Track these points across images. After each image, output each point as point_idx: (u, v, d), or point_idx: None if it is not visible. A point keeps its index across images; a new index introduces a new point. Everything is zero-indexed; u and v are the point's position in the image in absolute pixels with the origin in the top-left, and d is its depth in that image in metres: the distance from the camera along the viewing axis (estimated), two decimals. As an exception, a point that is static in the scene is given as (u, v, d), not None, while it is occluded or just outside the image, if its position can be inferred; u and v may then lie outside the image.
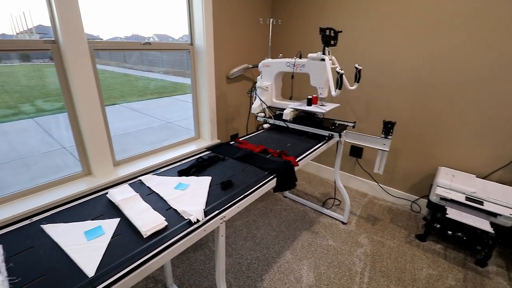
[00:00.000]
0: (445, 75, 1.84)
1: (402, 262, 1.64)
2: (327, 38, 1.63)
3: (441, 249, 1.76)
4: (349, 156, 2.46)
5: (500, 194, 1.60)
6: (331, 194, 2.36)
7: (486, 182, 1.76)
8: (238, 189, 1.05)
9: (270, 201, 2.25)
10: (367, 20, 2.06)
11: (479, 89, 1.75)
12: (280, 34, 2.59)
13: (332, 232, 1.89)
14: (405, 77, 2.00)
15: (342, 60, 2.07)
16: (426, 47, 1.86)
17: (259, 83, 1.93)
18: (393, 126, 1.65)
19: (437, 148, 2.00)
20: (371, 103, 2.22)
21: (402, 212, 2.15)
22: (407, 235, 1.89)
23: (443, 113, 1.91)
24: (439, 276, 1.55)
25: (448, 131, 1.92)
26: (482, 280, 1.54)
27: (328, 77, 1.60)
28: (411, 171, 2.16)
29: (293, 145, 1.55)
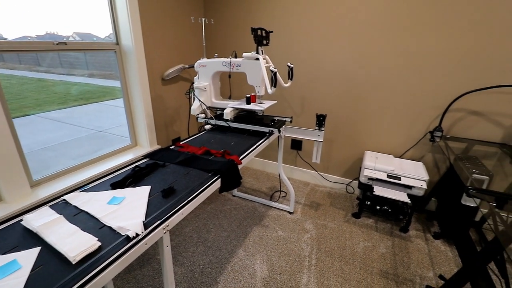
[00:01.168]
0: (367, 71, 2.09)
1: (342, 240, 1.82)
2: (259, 38, 1.68)
3: (373, 223, 2.01)
4: (291, 149, 2.60)
5: (412, 169, 1.91)
6: (277, 187, 2.46)
7: (401, 160, 2.07)
8: (181, 194, 1.01)
9: (219, 202, 2.24)
10: (297, 20, 2.20)
11: (393, 82, 2.03)
12: (215, 34, 2.58)
13: (280, 223, 1.98)
14: (333, 73, 2.20)
15: (276, 59, 2.17)
16: (351, 45, 2.09)
17: (197, 83, 1.89)
18: (324, 119, 1.80)
19: (363, 135, 2.27)
20: (305, 99, 2.39)
21: (339, 195, 2.38)
22: (345, 215, 2.10)
23: (366, 104, 2.17)
24: (373, 246, 1.77)
25: (371, 119, 2.20)
26: (406, 244, 1.81)
27: (263, 75, 1.66)
28: (343, 157, 2.40)
29: (236, 144, 1.56)
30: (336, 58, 2.16)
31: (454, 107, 1.91)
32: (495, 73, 1.75)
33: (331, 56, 2.16)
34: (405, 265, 1.63)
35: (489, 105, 1.83)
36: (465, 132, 1.95)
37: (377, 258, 1.67)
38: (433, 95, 1.95)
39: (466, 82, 1.83)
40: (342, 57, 2.13)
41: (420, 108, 2.01)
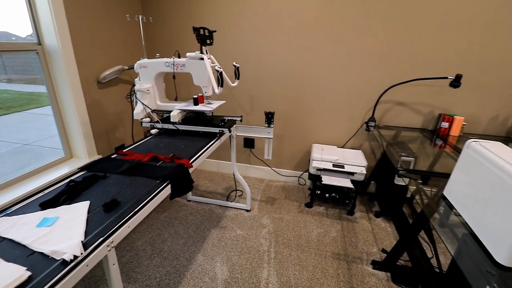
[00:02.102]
0: (308, 69, 2.22)
1: (298, 230, 1.91)
2: (203, 38, 1.65)
3: (324, 210, 2.16)
4: (244, 148, 2.63)
5: (353, 157, 2.10)
6: (233, 187, 2.46)
7: (343, 150, 2.26)
8: (126, 206, 0.94)
9: (173, 209, 2.14)
10: (240, 20, 2.22)
11: (332, 79, 2.20)
12: (155, 33, 2.44)
13: (238, 222, 1.99)
14: (278, 71, 2.28)
15: (222, 59, 2.16)
16: (292, 45, 2.18)
17: (138, 85, 1.77)
18: (273, 116, 1.86)
19: (310, 129, 2.41)
20: (254, 97, 2.43)
21: (292, 188, 2.49)
22: (299, 206, 2.21)
23: (310, 100, 2.31)
24: (325, 232, 1.90)
25: (315, 114, 2.34)
26: (353, 225, 1.98)
27: (209, 75, 1.63)
28: (294, 151, 2.52)
29: (185, 147, 1.51)
30: (279, 57, 2.24)
31: (383, 99, 2.15)
32: (411, 68, 2.02)
33: (275, 55, 2.24)
34: (353, 244, 1.79)
35: (410, 96, 2.11)
36: (393, 120, 2.21)
37: (329, 242, 1.80)
38: (365, 90, 2.17)
39: (391, 77, 2.08)
40: (285, 56, 2.22)
41: (356, 101, 2.22)
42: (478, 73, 1.95)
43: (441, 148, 1.90)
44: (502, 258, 0.78)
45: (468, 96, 2.02)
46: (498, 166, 0.84)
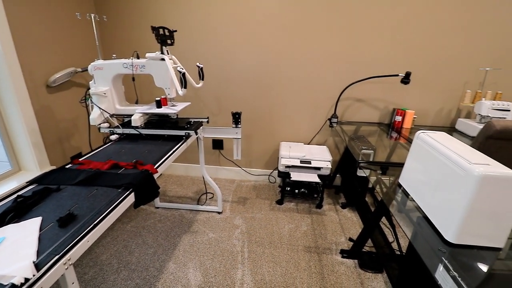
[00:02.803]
0: (273, 69, 2.25)
1: (270, 227, 1.94)
2: (162, 37, 1.60)
3: (294, 206, 2.21)
4: (213, 150, 2.59)
5: (319, 153, 2.18)
6: (203, 190, 2.42)
7: (310, 146, 2.34)
8: (84, 220, 0.87)
9: (140, 218, 2.04)
10: (202, 20, 2.18)
11: (296, 78, 2.26)
12: (111, 32, 2.30)
13: (210, 225, 1.96)
14: (244, 71, 2.29)
15: (185, 59, 2.11)
16: (256, 44, 2.20)
17: (94, 89, 1.65)
18: (240, 116, 1.86)
19: (277, 127, 2.45)
20: (221, 98, 2.41)
21: (263, 186, 2.52)
22: (270, 203, 2.24)
23: (276, 99, 2.35)
24: (296, 227, 1.95)
25: (282, 112, 2.39)
26: (322, 218, 2.06)
27: (172, 76, 1.58)
28: (263, 150, 2.55)
29: (149, 152, 1.45)
30: (244, 57, 2.25)
31: (344, 96, 2.27)
32: (368, 67, 2.16)
33: (240, 55, 2.24)
34: (323, 236, 1.86)
35: (367, 93, 2.26)
36: (354, 116, 2.35)
37: (300, 236, 1.86)
38: (327, 88, 2.27)
39: (350, 75, 2.20)
40: (250, 56, 2.24)
41: (319, 99, 2.31)
42: (424, 70, 2.14)
43: (396, 140, 2.06)
44: (450, 236, 0.87)
45: (417, 92, 2.22)
46: (443, 153, 0.93)
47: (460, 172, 0.83)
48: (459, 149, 0.92)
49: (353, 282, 1.51)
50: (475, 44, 2.04)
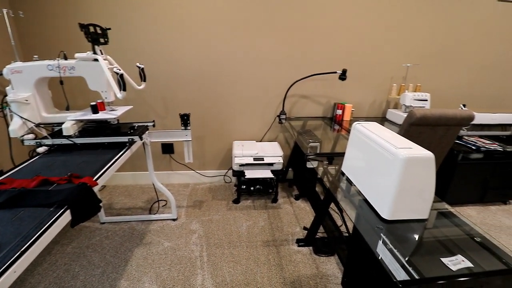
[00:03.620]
0: (221, 68, 2.23)
1: (228, 228, 1.93)
2: (94, 36, 1.46)
3: (251, 203, 2.25)
4: (163, 154, 2.47)
5: (271, 149, 2.25)
6: (155, 198, 2.29)
7: (262, 143, 2.40)
8: (8, 248, 0.75)
9: (83, 237, 1.84)
10: (146, 17, 2.04)
11: (245, 77, 2.28)
12: (30, 31, 2.01)
13: (165, 234, 1.87)
14: (192, 71, 2.22)
15: (124, 60, 1.96)
16: (203, 43, 2.15)
17: (12, 95, 1.42)
18: (188, 117, 1.81)
19: (229, 127, 2.44)
20: (168, 99, 2.30)
21: (219, 187, 2.49)
22: (227, 204, 2.23)
23: (227, 98, 2.34)
24: (253, 223, 1.98)
25: (233, 111, 2.39)
26: (277, 212, 2.13)
27: (108, 78, 1.45)
28: (216, 151, 2.52)
29: (86, 163, 1.31)
30: (190, 56, 2.18)
31: (290, 93, 2.38)
32: (311, 65, 2.30)
33: (186, 54, 2.17)
34: (280, 229, 1.93)
35: (311, 89, 2.40)
36: (300, 112, 2.47)
37: (258, 232, 1.89)
38: (275, 86, 2.34)
39: (295, 73, 2.31)
40: (196, 55, 2.18)
41: (268, 97, 2.38)
42: (358, 68, 2.37)
43: (338, 132, 2.23)
44: (385, 214, 0.98)
45: (353, 87, 2.44)
46: (374, 141, 1.05)
47: (389, 156, 0.94)
48: (387, 136, 1.04)
49: (310, 268, 1.60)
50: (398, 44, 2.33)
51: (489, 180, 2.23)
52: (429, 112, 1.50)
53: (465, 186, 2.24)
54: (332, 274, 1.56)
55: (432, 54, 2.41)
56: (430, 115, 1.49)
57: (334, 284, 1.50)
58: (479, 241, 0.93)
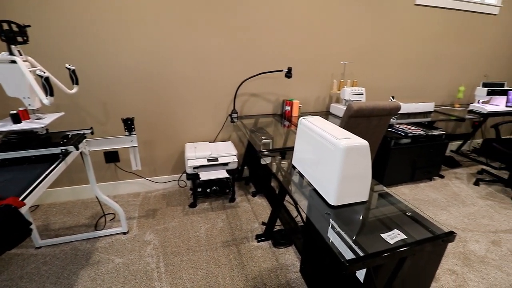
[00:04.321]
0: (167, 68, 2.12)
1: (186, 234, 1.87)
2: (9, 34, 1.26)
3: (208, 205, 2.20)
4: (107, 164, 2.26)
5: (225, 149, 2.23)
6: (101, 212, 2.09)
7: (215, 143, 2.37)
8: None
9: (14, 266, 1.59)
10: (77, 12, 1.82)
11: (193, 77, 2.21)
12: None
13: (115, 250, 1.72)
14: (135, 72, 2.07)
15: (52, 61, 1.74)
16: (145, 43, 2.01)
17: None
18: (132, 122, 1.69)
19: (180, 129, 2.35)
20: (109, 103, 2.11)
21: (173, 193, 2.39)
22: (183, 209, 2.15)
23: (175, 100, 2.24)
24: (212, 225, 1.95)
25: (183, 113, 2.30)
26: (236, 210, 2.14)
27: (30, 83, 1.27)
28: (167, 155, 2.40)
29: (10, 181, 1.13)
30: (133, 56, 2.03)
31: (240, 92, 2.39)
32: (259, 63, 2.35)
33: (127, 53, 2.01)
34: (239, 227, 1.94)
35: (260, 87, 2.45)
36: (251, 110, 2.51)
37: (217, 233, 1.87)
38: (224, 85, 2.33)
39: (244, 72, 2.33)
40: (140, 54, 2.04)
41: (219, 97, 2.35)
42: (303, 65, 2.49)
43: (288, 127, 2.32)
44: (332, 200, 1.05)
45: (299, 84, 2.56)
46: (318, 134, 1.12)
47: (331, 147, 1.01)
48: (329, 128, 1.12)
49: (270, 261, 1.64)
50: (336, 43, 2.52)
51: (416, 161, 2.57)
52: (364, 105, 1.66)
53: (398, 168, 2.54)
54: (291, 264, 1.63)
55: (364, 52, 2.67)
56: (365, 107, 1.65)
57: (294, 273, 1.56)
58: (410, 215, 1.07)
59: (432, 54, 2.98)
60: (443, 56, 3.04)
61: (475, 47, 3.14)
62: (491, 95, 2.96)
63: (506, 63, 3.43)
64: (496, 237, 1.94)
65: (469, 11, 2.91)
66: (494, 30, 3.14)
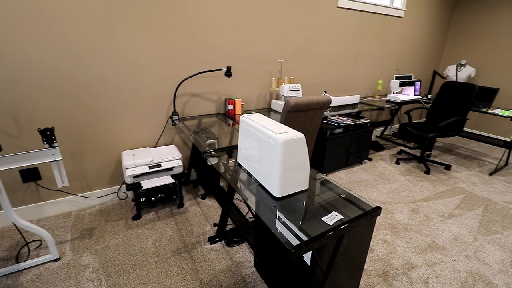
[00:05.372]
0: (98, 70, 1.90)
1: (131, 249, 1.72)
2: None
3: (154, 215, 2.07)
4: (25, 183, 1.93)
5: (168, 153, 2.13)
6: (23, 241, 1.78)
7: (157, 148, 2.23)
8: None
9: None
10: None
11: (123, 80, 2.02)
12: None
13: (46, 281, 1.49)
14: (53, 77, 1.79)
15: None
16: (65, 44, 1.75)
17: None
18: (53, 132, 1.47)
19: (114, 136, 2.14)
20: (20, 114, 1.79)
21: (113, 207, 2.18)
22: (125, 223, 1.98)
23: (109, 104, 2.03)
24: (160, 235, 1.85)
25: (117, 119, 2.10)
26: (185, 216, 2.06)
27: None
28: (101, 166, 2.17)
29: None
30: (51, 57, 1.75)
31: (180, 93, 2.30)
32: (197, 63, 2.29)
33: (43, 54, 1.73)
34: (190, 233, 1.87)
35: (200, 87, 2.40)
36: (194, 111, 2.44)
37: (167, 243, 1.78)
38: (162, 86, 2.20)
39: (182, 72, 2.24)
40: (59, 55, 1.77)
41: (156, 99, 2.22)
42: (243, 64, 2.52)
43: (233, 126, 2.33)
44: (276, 193, 1.10)
45: (240, 82, 2.59)
46: (259, 130, 1.15)
47: (271, 142, 1.05)
48: (269, 124, 1.16)
49: (224, 261, 1.63)
50: (272, 42, 2.62)
51: (349, 147, 2.86)
52: (300, 100, 1.77)
53: (334, 155, 2.80)
54: (245, 260, 1.65)
55: (297, 51, 2.84)
56: (301, 102, 1.76)
57: (248, 268, 1.59)
58: (345, 197, 1.19)
59: (354, 52, 3.34)
60: (363, 54, 3.44)
61: (388, 45, 3.64)
62: (402, 86, 3.47)
63: (412, 58, 4.07)
64: (415, 206, 2.29)
65: (381, 14, 3.35)
66: (401, 30, 3.68)
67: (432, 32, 4.09)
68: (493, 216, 2.19)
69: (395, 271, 1.62)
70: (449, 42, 4.42)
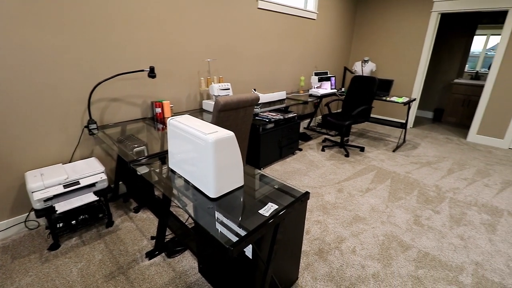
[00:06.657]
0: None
1: (50, 285, 1.46)
2: None
3: (77, 240, 1.80)
4: None
5: (87, 168, 1.87)
6: None
7: (73, 164, 1.94)
8: None
9: None
10: None
11: (28, 84, 1.66)
12: None
13: None
14: None
15: None
16: None
17: None
18: None
19: (12, 156, 1.76)
20: None
21: (21, 240, 1.80)
22: (40, 256, 1.66)
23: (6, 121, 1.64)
24: (87, 262, 1.62)
25: (13, 134, 1.73)
26: (117, 235, 1.85)
27: None
28: (-2, 193, 1.77)
29: None
30: None
31: (96, 98, 2.04)
32: (113, 64, 2.06)
33: None
34: (123, 252, 1.70)
35: (120, 91, 2.18)
36: (115, 117, 2.20)
37: (96, 269, 1.57)
38: (72, 92, 1.91)
39: (95, 75, 1.98)
40: None
41: (65, 106, 1.91)
42: (167, 64, 2.39)
43: (163, 130, 2.20)
44: (212, 193, 1.09)
45: (166, 83, 2.45)
46: (188, 132, 1.11)
47: (201, 143, 1.03)
48: (198, 125, 1.14)
49: (166, 274, 1.54)
50: (198, 41, 2.55)
51: (281, 141, 3.04)
52: (230, 99, 1.78)
53: (269, 150, 2.93)
54: (189, 268, 1.59)
55: (223, 50, 2.85)
56: (230, 101, 1.78)
57: (193, 275, 1.54)
58: (278, 188, 1.25)
59: (277, 51, 3.55)
60: (285, 52, 3.68)
61: (305, 44, 3.98)
62: (321, 81, 3.85)
63: (326, 56, 4.55)
64: (340, 186, 2.59)
65: (297, 16, 3.64)
66: (315, 31, 4.07)
67: (340, 32, 4.65)
68: (398, 185, 2.65)
69: (328, 247, 1.80)
70: (355, 41, 5.10)
